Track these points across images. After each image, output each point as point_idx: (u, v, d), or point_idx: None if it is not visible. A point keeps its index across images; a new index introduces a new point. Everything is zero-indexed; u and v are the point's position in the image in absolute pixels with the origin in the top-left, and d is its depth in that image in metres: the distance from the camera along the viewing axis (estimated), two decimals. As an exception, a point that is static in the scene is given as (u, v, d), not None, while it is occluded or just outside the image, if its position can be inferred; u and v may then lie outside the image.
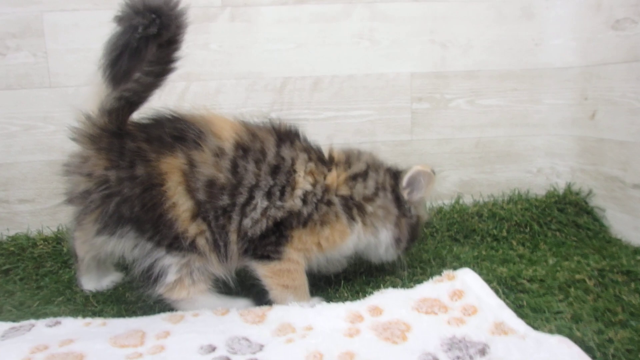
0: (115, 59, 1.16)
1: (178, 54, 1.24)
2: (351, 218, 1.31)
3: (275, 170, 1.26)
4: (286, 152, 1.29)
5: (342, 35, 1.91)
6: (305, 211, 1.26)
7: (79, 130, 1.24)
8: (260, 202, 1.23)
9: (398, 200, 1.38)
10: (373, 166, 1.39)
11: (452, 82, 1.98)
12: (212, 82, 1.88)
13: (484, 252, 1.61)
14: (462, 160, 2.03)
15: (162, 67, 1.23)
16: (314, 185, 1.28)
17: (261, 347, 1.02)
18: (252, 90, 1.89)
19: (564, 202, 1.85)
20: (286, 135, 1.33)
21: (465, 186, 2.04)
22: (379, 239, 1.36)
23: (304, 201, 1.26)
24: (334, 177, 1.32)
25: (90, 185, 1.20)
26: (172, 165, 1.19)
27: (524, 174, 2.05)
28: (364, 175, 1.36)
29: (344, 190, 1.32)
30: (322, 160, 1.35)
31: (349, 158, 1.39)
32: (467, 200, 2.00)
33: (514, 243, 1.70)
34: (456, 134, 2.01)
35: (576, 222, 1.78)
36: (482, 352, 0.94)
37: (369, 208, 1.33)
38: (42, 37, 1.80)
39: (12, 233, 1.81)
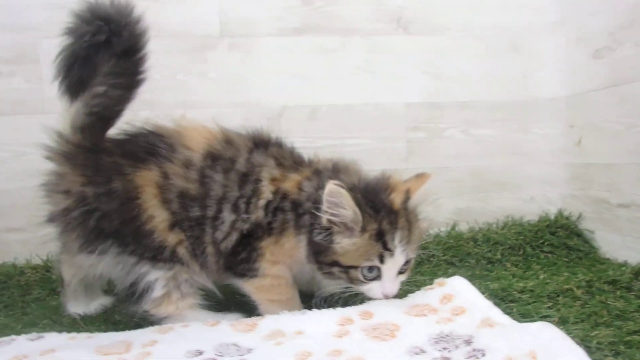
0: (67, 70, 1.19)
1: (145, 64, 1.25)
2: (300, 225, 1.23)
3: (243, 179, 1.23)
4: (257, 158, 1.26)
5: (338, 66, 1.98)
6: (265, 221, 1.22)
7: (52, 149, 1.24)
8: (228, 215, 1.22)
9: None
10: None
11: (446, 112, 2.05)
12: (209, 110, 1.90)
13: (477, 273, 1.64)
14: (457, 188, 2.07)
15: (128, 78, 1.23)
16: (275, 193, 1.23)
17: (249, 350, 1.01)
18: (248, 118, 1.92)
19: (556, 226, 1.90)
20: (263, 142, 1.30)
21: (460, 214, 2.08)
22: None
23: (266, 211, 1.22)
24: (292, 180, 1.25)
25: (70, 202, 1.20)
26: (146, 179, 1.20)
27: (517, 201, 2.09)
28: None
29: (295, 194, 1.24)
30: (294, 166, 1.29)
31: (335, 166, 1.30)
32: (463, 227, 2.03)
33: (508, 265, 1.73)
34: (451, 163, 2.06)
35: (567, 244, 1.82)
36: (468, 342, 0.97)
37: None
38: (38, 64, 1.81)
39: (-1, 261, 1.77)
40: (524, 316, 1.21)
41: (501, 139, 2.08)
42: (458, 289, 1.20)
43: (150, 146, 1.23)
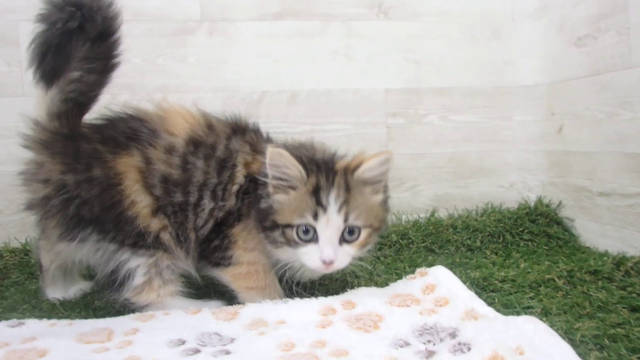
0: (40, 58, 1.18)
1: (119, 48, 1.25)
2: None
3: (221, 165, 1.22)
4: (234, 144, 1.24)
5: (318, 51, 1.96)
6: (235, 208, 1.22)
7: (30, 137, 1.22)
8: (208, 202, 1.21)
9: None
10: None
11: (426, 98, 2.03)
12: (189, 94, 1.88)
13: (457, 260, 1.64)
14: (437, 174, 2.07)
15: (103, 63, 1.23)
16: (245, 176, 1.23)
17: (232, 340, 1.02)
18: (229, 103, 1.91)
19: (536, 213, 1.90)
20: (241, 128, 1.29)
21: (440, 200, 2.07)
22: None
23: (237, 197, 1.22)
24: (259, 161, 1.23)
25: (49, 190, 1.18)
26: (128, 165, 1.18)
27: (496, 188, 2.09)
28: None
29: (257, 172, 1.22)
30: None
31: (302, 145, 1.28)
32: (442, 213, 2.02)
33: (488, 252, 1.73)
34: (430, 149, 2.05)
35: (547, 232, 1.83)
36: (452, 335, 0.96)
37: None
38: (18, 47, 1.79)
39: (-23, 245, 1.77)
40: (506, 306, 1.20)
41: (481, 125, 2.07)
42: (440, 279, 1.19)
43: (131, 131, 1.22)
